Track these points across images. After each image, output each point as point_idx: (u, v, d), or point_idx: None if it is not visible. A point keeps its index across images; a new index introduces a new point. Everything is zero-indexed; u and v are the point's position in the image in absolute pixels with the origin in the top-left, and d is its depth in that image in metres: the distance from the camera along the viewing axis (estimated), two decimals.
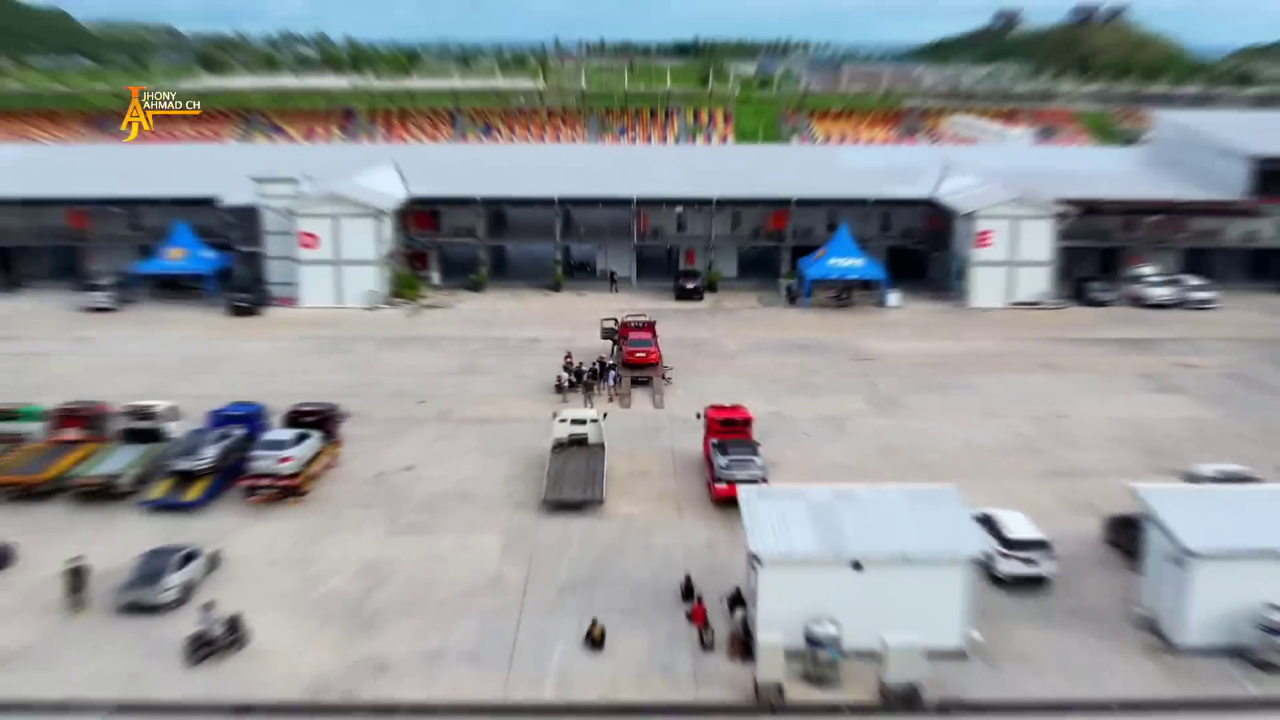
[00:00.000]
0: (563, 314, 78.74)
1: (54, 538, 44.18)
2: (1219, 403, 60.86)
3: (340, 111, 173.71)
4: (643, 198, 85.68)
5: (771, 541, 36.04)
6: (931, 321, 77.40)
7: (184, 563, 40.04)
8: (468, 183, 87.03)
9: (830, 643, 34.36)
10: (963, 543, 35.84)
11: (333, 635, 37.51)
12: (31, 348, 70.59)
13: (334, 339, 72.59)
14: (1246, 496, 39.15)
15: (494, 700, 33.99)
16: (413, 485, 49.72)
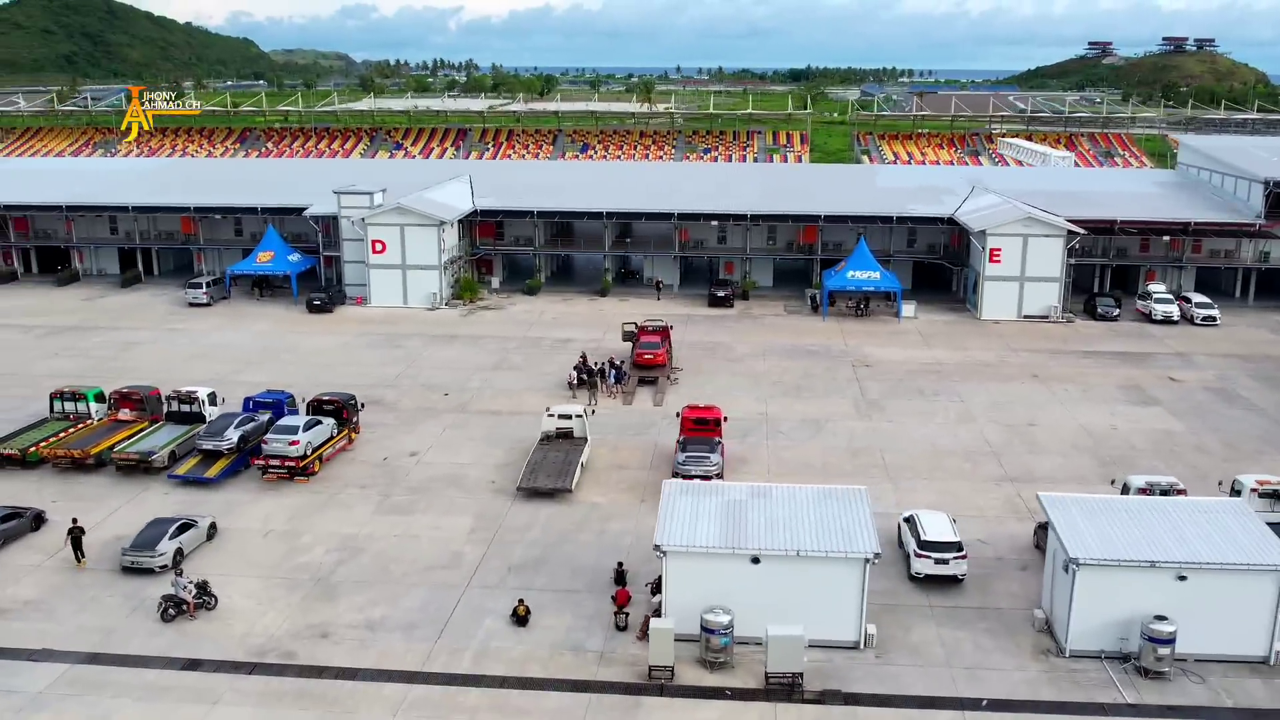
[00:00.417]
0: (601, 317, 78.59)
1: (89, 505, 45.80)
2: (1191, 415, 57.79)
3: (456, 131, 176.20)
4: (682, 212, 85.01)
5: (677, 534, 35.38)
6: (939, 332, 75.11)
7: (179, 532, 41.07)
8: (537, 197, 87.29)
9: (722, 630, 33.59)
10: (857, 542, 34.66)
11: (293, 602, 38.09)
12: (129, 337, 73.25)
13: (390, 335, 73.72)
14: (1146, 508, 37.03)
15: (411, 668, 34.05)
16: (411, 469, 50.18)
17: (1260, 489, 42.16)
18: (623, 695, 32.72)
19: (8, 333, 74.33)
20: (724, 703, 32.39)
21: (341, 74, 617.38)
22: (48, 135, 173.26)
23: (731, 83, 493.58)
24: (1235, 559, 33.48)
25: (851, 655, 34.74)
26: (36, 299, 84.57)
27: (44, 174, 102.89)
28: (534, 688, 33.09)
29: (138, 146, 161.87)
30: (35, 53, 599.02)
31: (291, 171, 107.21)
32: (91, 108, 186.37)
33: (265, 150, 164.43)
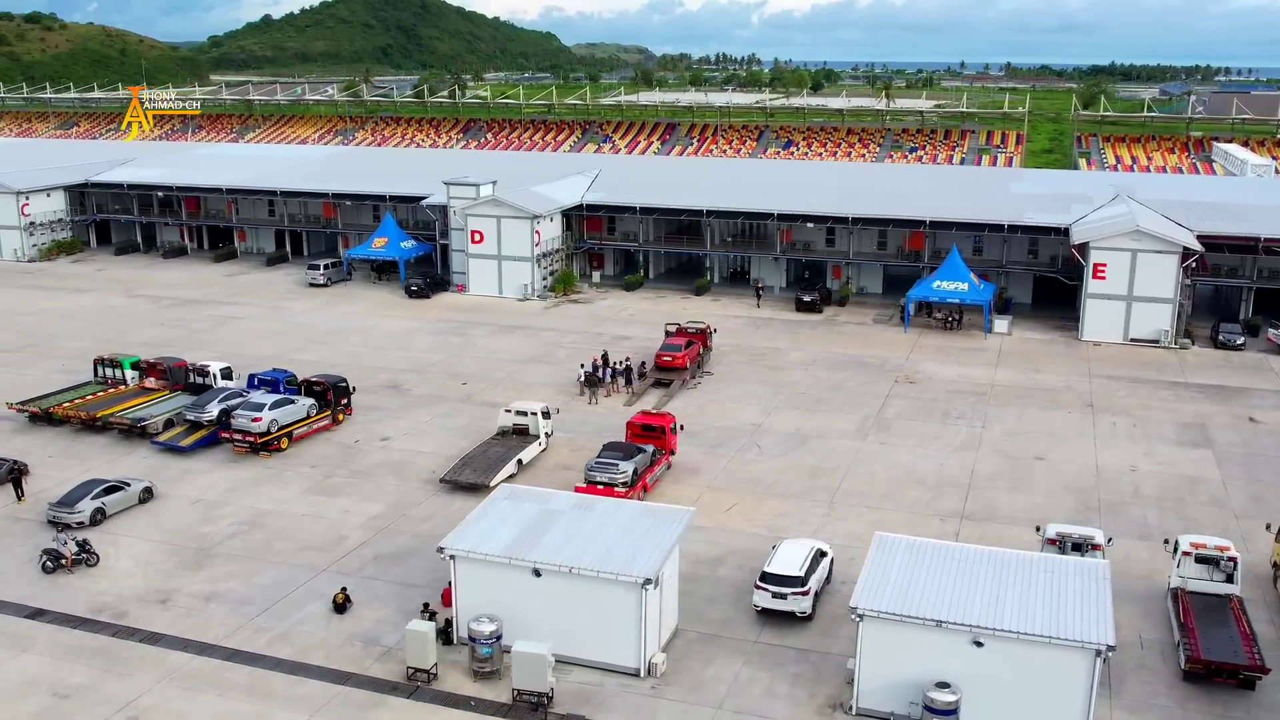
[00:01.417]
0: (680, 317, 77.76)
1: (76, 461, 50.73)
2: (1239, 463, 50.84)
3: (664, 126, 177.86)
4: (782, 213, 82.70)
5: (469, 539, 35.20)
6: (1023, 351, 69.38)
7: (106, 493, 44.67)
8: (657, 193, 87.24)
9: (484, 640, 33.21)
10: (638, 565, 33.20)
11: (164, 568, 40.69)
12: (235, 312, 79.54)
13: (461, 323, 76.19)
14: (983, 561, 33.22)
15: (208, 641, 35.70)
16: (371, 454, 52.03)
17: (1194, 552, 36.78)
18: (372, 692, 33.00)
19: (139, 302, 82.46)
20: (463, 713, 32.01)
21: (637, 68, 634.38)
22: (297, 122, 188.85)
23: (1027, 78, 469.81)
24: (1041, 629, 29.55)
25: (627, 682, 33.41)
26: (188, 273, 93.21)
27: (233, 159, 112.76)
28: (300, 673, 33.92)
29: (373, 135, 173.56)
30: (355, 45, 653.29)
31: (452, 161, 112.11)
32: (367, 97, 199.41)
33: (484, 141, 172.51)
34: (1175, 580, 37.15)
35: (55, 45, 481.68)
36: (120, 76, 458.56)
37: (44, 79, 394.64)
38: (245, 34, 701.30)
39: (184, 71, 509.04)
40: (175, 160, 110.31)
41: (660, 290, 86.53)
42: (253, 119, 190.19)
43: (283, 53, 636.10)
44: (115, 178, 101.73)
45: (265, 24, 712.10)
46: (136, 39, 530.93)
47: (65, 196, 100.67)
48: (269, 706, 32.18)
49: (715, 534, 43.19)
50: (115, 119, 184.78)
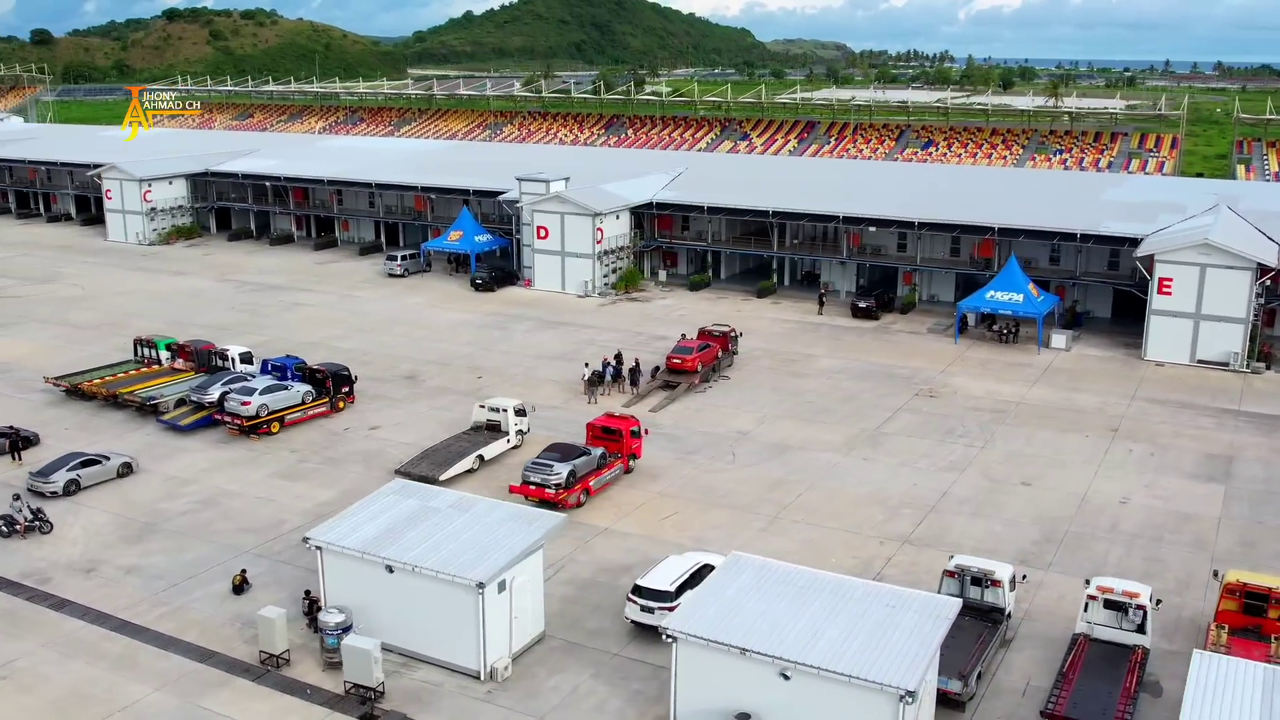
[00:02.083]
0: (736, 319, 76.81)
1: (89, 434, 54.26)
2: (1249, 502, 46.62)
3: (804, 124, 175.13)
4: (847, 215, 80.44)
5: (337, 531, 36.00)
6: (1073, 369, 65.35)
7: (82, 465, 47.68)
8: (734, 192, 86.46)
9: (329, 630, 33.97)
10: (476, 568, 33.22)
11: (108, 539, 43.17)
12: (305, 299, 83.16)
13: (510, 317, 77.40)
14: (827, 589, 31.67)
15: (106, 610, 37.72)
16: (353, 442, 53.64)
17: (1101, 596, 34.08)
18: (224, 672, 34.19)
19: (225, 286, 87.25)
20: (295, 700, 32.79)
21: (829, 64, 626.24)
22: (451, 116, 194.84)
23: (1240, 78, 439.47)
24: (845, 667, 28.06)
25: (465, 684, 33.53)
26: (284, 260, 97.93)
27: (349, 151, 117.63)
28: (170, 649, 35.43)
29: (519, 129, 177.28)
30: (550, 40, 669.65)
31: (554, 157, 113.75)
32: (544, 93, 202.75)
33: (624, 137, 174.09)
34: (1081, 625, 34.49)
35: (266, 40, 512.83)
36: (323, 70, 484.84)
37: (253, 72, 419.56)
38: (447, 29, 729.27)
39: (383, 66, 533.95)
40: (293, 152, 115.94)
41: (724, 292, 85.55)
42: (410, 112, 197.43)
43: (481, 48, 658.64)
44: (232, 167, 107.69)
45: (467, 20, 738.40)
46: (341, 34, 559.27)
47: (186, 184, 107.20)
48: (124, 678, 33.74)
49: (637, 542, 42.62)
50: (299, 111, 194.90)
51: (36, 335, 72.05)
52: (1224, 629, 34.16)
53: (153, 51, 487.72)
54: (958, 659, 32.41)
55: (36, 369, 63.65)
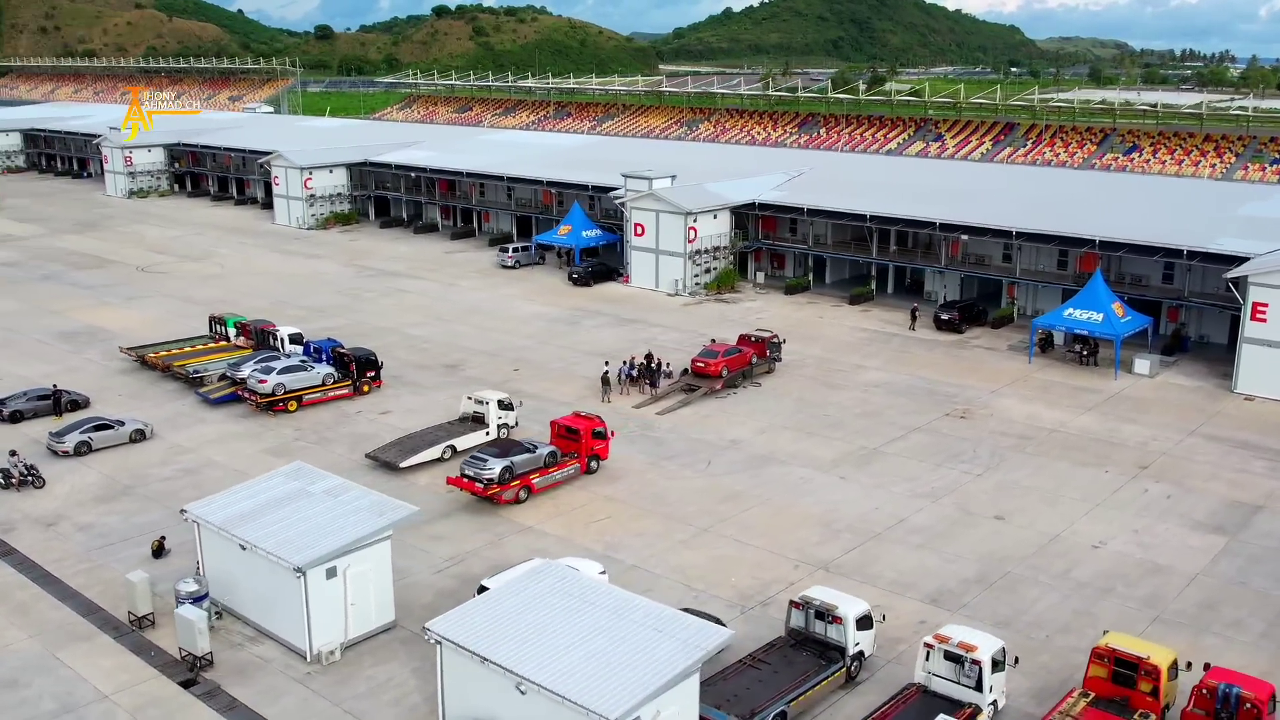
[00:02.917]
0: (802, 326, 74.93)
1: (136, 401, 59.18)
2: (1246, 560, 41.55)
3: (1003, 125, 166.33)
4: (944, 223, 76.47)
5: (210, 506, 38.03)
6: (1142, 397, 59.74)
7: (95, 429, 52.20)
8: (845, 196, 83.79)
9: (181, 598, 35.94)
10: (305, 555, 34.29)
11: (84, 499, 47.05)
12: (408, 285, 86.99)
13: (587, 313, 78.22)
14: (602, 604, 30.79)
15: (38, 561, 41.26)
16: (356, 425, 56.03)
17: (936, 645, 31.56)
18: (94, 627, 36.82)
19: (347, 271, 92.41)
20: (136, 659, 34.93)
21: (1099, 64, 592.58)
22: (652, 113, 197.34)
23: None
24: (566, 689, 27.35)
25: (292, 663, 34.77)
26: (416, 248, 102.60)
27: (502, 145, 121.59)
28: (67, 601, 38.43)
29: (714, 127, 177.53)
30: (807, 38, 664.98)
31: (703, 155, 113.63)
32: (772, 91, 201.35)
33: (814, 136, 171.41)
34: (919, 675, 31.94)
35: (524, 37, 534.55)
36: (575, 66, 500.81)
37: (509, 67, 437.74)
38: (706, 26, 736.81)
39: (636, 62, 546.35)
40: (451, 145, 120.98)
41: (818, 297, 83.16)
42: (615, 107, 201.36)
43: (737, 44, 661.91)
44: (389, 158, 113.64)
45: (725, 17, 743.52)
46: (597, 30, 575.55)
47: (347, 173, 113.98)
48: (10, 623, 36.89)
49: (550, 544, 42.58)
50: (513, 105, 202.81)
51: (153, 308, 78.77)
52: (1088, 696, 30.84)
53: (420, 46, 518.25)
54: (757, 695, 30.81)
55: (131, 338, 69.67)
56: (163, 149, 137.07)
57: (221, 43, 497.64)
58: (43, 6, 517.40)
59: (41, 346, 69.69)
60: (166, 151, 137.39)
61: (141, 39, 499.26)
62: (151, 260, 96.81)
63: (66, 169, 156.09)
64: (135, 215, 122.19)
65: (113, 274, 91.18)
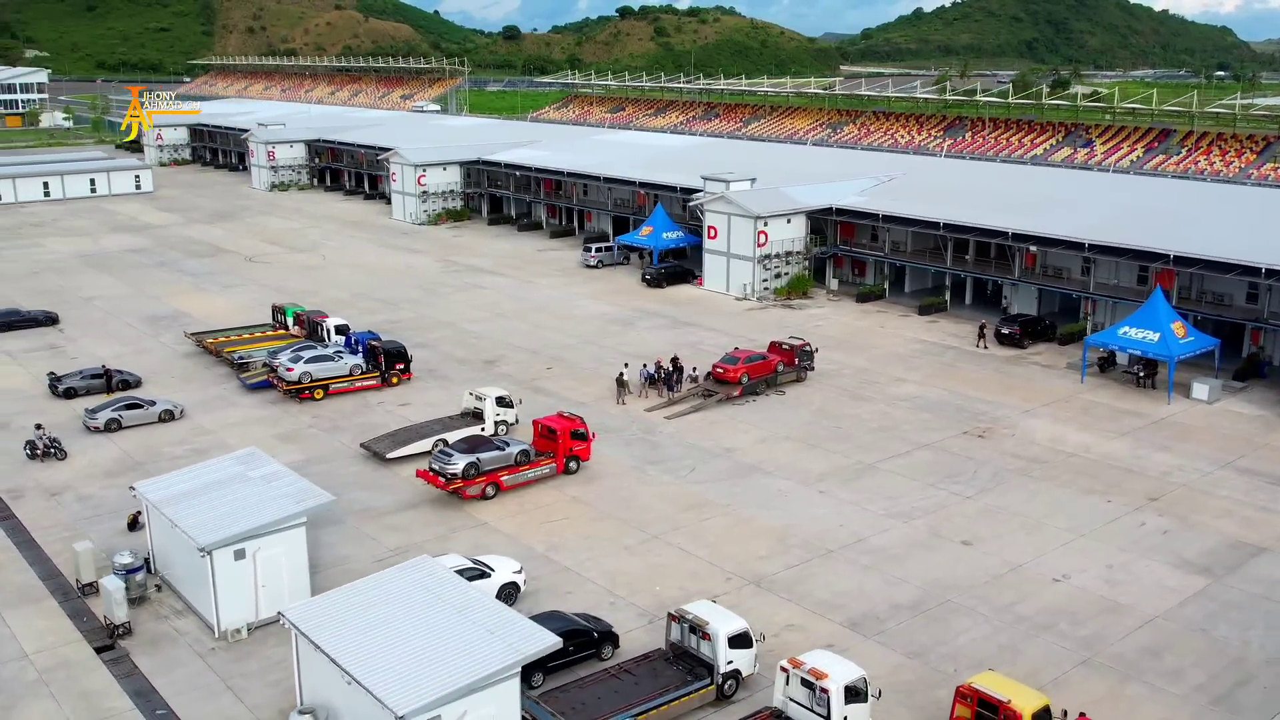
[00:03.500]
0: (859, 335, 73.24)
1: (182, 383, 62.95)
2: (1219, 606, 38.59)
3: (1158, 132, 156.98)
4: (1016, 232, 73.31)
5: (153, 484, 40.35)
6: (1187, 424, 55.88)
7: (126, 408, 55.85)
8: (934, 203, 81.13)
9: (115, 569, 38.28)
10: (211, 535, 35.96)
11: (94, 472, 50.38)
12: (484, 281, 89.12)
13: (647, 314, 78.43)
14: (448, 596, 31.14)
15: (29, 526, 44.55)
16: (369, 415, 57.97)
17: (791, 670, 30.72)
18: (48, 591, 39.55)
19: (433, 265, 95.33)
20: (69, 623, 37.33)
21: None
22: (797, 114, 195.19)
23: None
24: (370, 680, 27.81)
25: (202, 639, 36.56)
26: (511, 245, 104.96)
27: (611, 144, 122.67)
28: (35, 566, 41.48)
29: (859, 129, 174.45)
30: (1000, 38, 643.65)
31: (799, 158, 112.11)
32: (947, 95, 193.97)
33: (958, 140, 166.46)
34: (778, 699, 31.10)
35: (705, 37, 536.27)
36: (755, 67, 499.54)
37: (687, 68, 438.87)
38: (895, 27, 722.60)
39: (817, 63, 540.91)
40: (564, 145, 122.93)
41: (888, 306, 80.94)
42: (762, 109, 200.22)
43: (926, 45, 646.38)
44: (500, 157, 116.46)
45: (915, 17, 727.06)
46: (779, 31, 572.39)
47: (460, 171, 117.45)
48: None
49: (497, 540, 43.28)
50: (664, 106, 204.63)
51: (242, 296, 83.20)
52: None
53: (602, 47, 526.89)
54: (604, 704, 30.71)
55: (206, 324, 73.94)
56: (304, 145, 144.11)
57: (413, 42, 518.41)
58: (251, 8, 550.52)
59: (125, 328, 74.64)
60: (308, 147, 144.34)
61: (339, 39, 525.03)
62: (262, 250, 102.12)
63: (225, 162, 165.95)
64: (268, 207, 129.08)
65: (221, 263, 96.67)
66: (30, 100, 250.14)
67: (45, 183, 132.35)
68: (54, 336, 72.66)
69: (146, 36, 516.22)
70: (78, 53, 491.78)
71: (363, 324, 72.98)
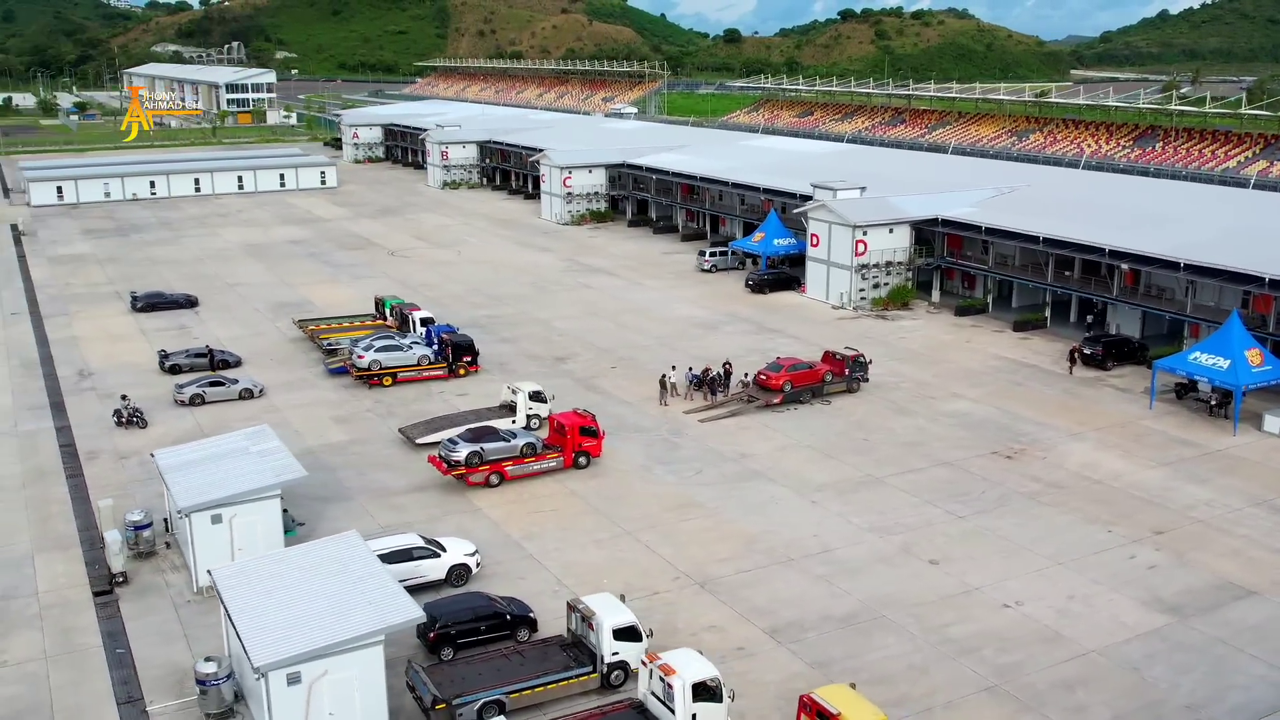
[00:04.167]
0: (939, 349, 72.24)
1: (274, 364, 68.77)
2: (1169, 651, 37.19)
3: None
4: (1114, 249, 70.49)
5: (168, 452, 45.23)
6: (1242, 458, 52.74)
7: (210, 385, 61.82)
8: (1053, 218, 78.68)
9: (127, 526, 43.20)
10: (188, 500, 40.28)
11: (168, 439, 55.45)
12: (597, 282, 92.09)
13: (737, 319, 79.51)
14: (349, 568, 33.98)
15: (91, 485, 50.39)
16: (425, 402, 61.73)
17: (650, 665, 32.15)
18: (77, 538, 44.89)
19: (557, 264, 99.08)
20: (79, 570, 42.48)
21: None
22: (982, 121, 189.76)
23: None
24: (248, 637, 31.14)
25: (185, 592, 40.81)
26: (641, 247, 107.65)
27: (769, 151, 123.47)
28: (77, 517, 47.01)
29: (1045, 138, 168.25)
30: (1252, 42, 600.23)
31: (938, 167, 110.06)
32: (1174, 106, 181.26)
33: (1147, 150, 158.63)
34: (641, 692, 32.53)
35: (927, 40, 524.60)
36: (979, 71, 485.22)
37: (910, 72, 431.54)
38: (1137, 30, 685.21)
39: (1045, 67, 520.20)
40: (708, 149, 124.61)
41: (987, 321, 79.05)
42: (949, 115, 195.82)
43: (1169, 49, 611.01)
44: (643, 161, 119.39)
45: (1160, 20, 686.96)
46: (1006, 34, 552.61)
47: (605, 173, 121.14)
48: (23, 530, 45.77)
49: (482, 527, 45.98)
50: (853, 110, 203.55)
51: (365, 287, 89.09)
52: None
53: (821, 50, 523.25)
54: (478, 680, 32.93)
55: (322, 312, 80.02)
56: (476, 145, 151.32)
57: (633, 45, 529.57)
58: (483, 11, 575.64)
59: (252, 313, 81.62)
60: (479, 147, 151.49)
61: (563, 41, 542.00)
62: (408, 245, 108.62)
63: (412, 161, 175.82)
64: (433, 204, 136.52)
65: (365, 256, 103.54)
66: (260, 100, 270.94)
67: (239, 177, 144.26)
68: (188, 318, 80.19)
69: (385, 39, 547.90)
70: (322, 54, 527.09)
71: (464, 319, 77.32)
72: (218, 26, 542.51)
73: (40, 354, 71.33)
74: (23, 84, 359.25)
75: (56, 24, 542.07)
